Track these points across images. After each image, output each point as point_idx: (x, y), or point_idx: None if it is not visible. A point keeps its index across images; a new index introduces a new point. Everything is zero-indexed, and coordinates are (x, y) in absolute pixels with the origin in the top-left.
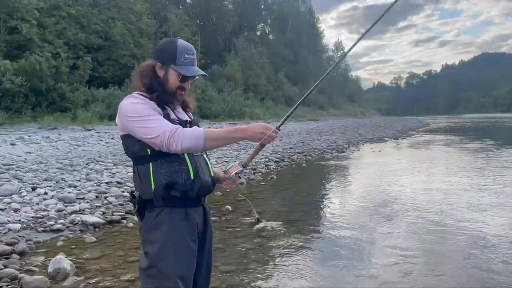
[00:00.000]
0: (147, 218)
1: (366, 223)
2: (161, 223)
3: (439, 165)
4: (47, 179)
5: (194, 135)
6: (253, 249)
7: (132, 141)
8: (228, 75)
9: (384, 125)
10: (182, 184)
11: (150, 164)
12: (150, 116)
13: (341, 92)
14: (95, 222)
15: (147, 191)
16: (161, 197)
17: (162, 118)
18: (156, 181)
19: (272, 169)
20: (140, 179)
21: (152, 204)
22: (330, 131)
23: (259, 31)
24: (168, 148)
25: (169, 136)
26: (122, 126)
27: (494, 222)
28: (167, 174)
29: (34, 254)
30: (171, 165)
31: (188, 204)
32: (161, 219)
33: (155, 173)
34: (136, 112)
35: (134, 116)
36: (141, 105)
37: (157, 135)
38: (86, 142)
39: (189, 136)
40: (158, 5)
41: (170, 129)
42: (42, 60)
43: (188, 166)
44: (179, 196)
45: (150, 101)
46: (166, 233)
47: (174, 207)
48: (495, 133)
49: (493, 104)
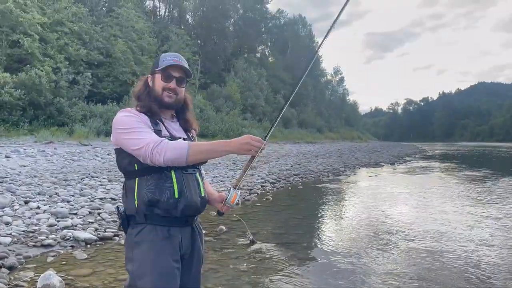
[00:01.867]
0: (129, 234)
1: (361, 248)
2: (142, 241)
3: (434, 192)
4: (40, 193)
5: (177, 147)
6: (246, 271)
7: (122, 155)
8: (227, 95)
9: (381, 150)
10: (164, 202)
11: (136, 179)
12: (137, 128)
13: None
14: (87, 238)
15: (131, 207)
16: (144, 214)
17: (149, 131)
18: (139, 196)
19: (268, 190)
20: (126, 194)
21: (135, 220)
22: (327, 154)
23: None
24: (151, 159)
25: (153, 147)
26: (114, 139)
27: (489, 251)
28: (150, 191)
29: (24, 269)
30: (157, 182)
31: (172, 223)
32: (142, 236)
33: (139, 189)
34: (125, 124)
35: (122, 128)
36: (130, 118)
37: (142, 146)
38: (81, 157)
39: (172, 147)
40: (160, 24)
41: (154, 140)
42: (42, 74)
43: (173, 184)
44: (162, 214)
45: (141, 115)
46: (145, 251)
47: (156, 225)
48: (491, 162)
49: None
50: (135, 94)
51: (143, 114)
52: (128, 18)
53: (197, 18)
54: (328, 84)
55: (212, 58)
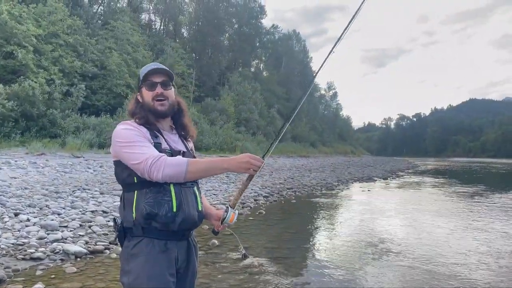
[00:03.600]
0: (125, 247)
1: (353, 263)
2: (138, 254)
3: (426, 207)
4: (30, 205)
5: (175, 164)
6: (238, 286)
7: (121, 168)
8: (221, 108)
9: (374, 165)
10: (163, 216)
11: (135, 192)
12: (137, 142)
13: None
14: (77, 252)
15: (128, 219)
16: (141, 227)
17: (149, 145)
18: (138, 209)
19: (261, 204)
20: (124, 206)
21: (132, 233)
22: (320, 168)
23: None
24: (149, 175)
25: (151, 163)
26: (113, 151)
27: (481, 265)
28: (149, 204)
29: (12, 282)
30: (155, 196)
31: (169, 237)
32: (139, 249)
33: (137, 202)
34: (125, 137)
35: (123, 142)
36: (130, 131)
37: (140, 161)
38: (73, 169)
39: (170, 164)
40: (155, 37)
41: (153, 156)
42: (36, 85)
43: (172, 198)
44: (159, 228)
45: (141, 128)
46: (141, 264)
47: (153, 238)
48: (482, 178)
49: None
50: (129, 112)
51: (142, 126)
52: (124, 31)
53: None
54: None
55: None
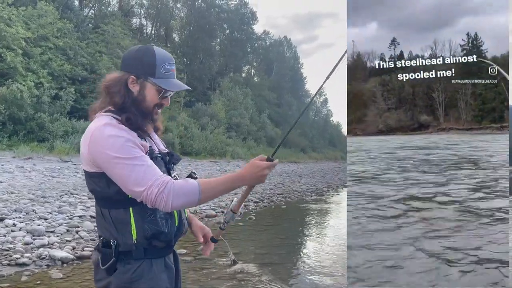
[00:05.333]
0: (122, 273)
1: (342, 269)
2: (140, 279)
3: None
4: (17, 210)
5: (187, 192)
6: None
7: (106, 182)
8: (212, 113)
9: None
10: (168, 234)
11: (130, 209)
12: (135, 160)
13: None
14: (63, 257)
15: (127, 242)
16: (144, 248)
17: (148, 162)
18: (140, 230)
19: (251, 209)
20: (116, 227)
21: (130, 257)
22: (310, 174)
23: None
24: (154, 205)
25: (157, 193)
26: (94, 161)
27: None
28: (152, 222)
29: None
30: (156, 211)
31: (167, 253)
32: (140, 273)
33: (137, 221)
34: (118, 150)
35: (119, 157)
36: (124, 141)
37: (143, 189)
38: (61, 174)
39: (181, 193)
40: (147, 42)
41: (158, 184)
42: (24, 89)
43: (174, 213)
44: (160, 246)
45: (131, 133)
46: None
47: (153, 259)
48: None
49: None
50: (116, 103)
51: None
52: (114, 35)
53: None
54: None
55: (197, 76)
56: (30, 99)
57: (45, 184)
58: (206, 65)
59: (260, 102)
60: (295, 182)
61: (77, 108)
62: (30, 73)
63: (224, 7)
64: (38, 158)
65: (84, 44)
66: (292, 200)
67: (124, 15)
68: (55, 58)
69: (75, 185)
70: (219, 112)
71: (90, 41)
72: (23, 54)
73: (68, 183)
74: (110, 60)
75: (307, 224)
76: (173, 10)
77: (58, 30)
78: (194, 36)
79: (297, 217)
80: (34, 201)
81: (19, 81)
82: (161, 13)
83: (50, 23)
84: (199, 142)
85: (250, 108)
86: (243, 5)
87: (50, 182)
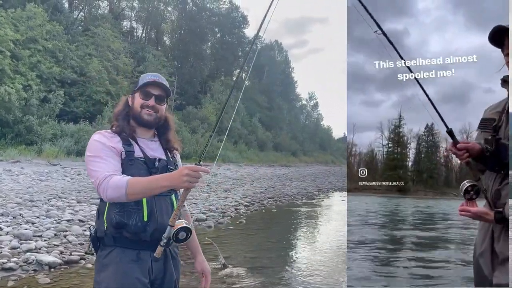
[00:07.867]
0: (98, 256)
1: (333, 273)
2: (109, 264)
3: None
4: (4, 214)
5: (115, 186)
6: None
7: None
8: (202, 116)
9: None
10: (132, 226)
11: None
12: (98, 158)
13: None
14: (50, 262)
15: (101, 228)
16: (112, 236)
17: (107, 161)
18: (108, 219)
19: (241, 213)
20: (98, 216)
21: (104, 243)
22: (301, 178)
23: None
24: (99, 195)
25: (98, 183)
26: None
27: None
28: (118, 214)
29: None
30: (124, 205)
31: (142, 247)
32: (110, 259)
33: (108, 211)
34: (91, 150)
35: (89, 156)
36: (99, 144)
37: (93, 180)
38: (50, 177)
39: (112, 186)
40: (137, 45)
41: (102, 177)
42: (12, 91)
43: (143, 207)
44: (130, 238)
45: (113, 138)
46: (112, 274)
47: (125, 248)
48: None
49: None
50: (114, 115)
51: (116, 135)
52: (104, 38)
53: (174, 40)
54: (303, 109)
55: (188, 80)
56: (18, 101)
57: (33, 188)
58: (197, 68)
59: (251, 106)
60: (285, 185)
61: (66, 111)
62: (19, 75)
63: (215, 10)
64: (26, 162)
65: (74, 46)
66: (283, 204)
67: (115, 18)
68: (44, 61)
69: (64, 188)
70: (210, 116)
71: (80, 43)
72: (11, 56)
73: (57, 186)
74: (100, 62)
75: (298, 228)
76: (164, 13)
77: (47, 32)
78: (185, 40)
79: (288, 221)
80: (21, 205)
81: (7, 83)
82: (152, 16)
83: (39, 25)
84: (189, 146)
85: (241, 112)
86: (234, 9)
87: (38, 186)
